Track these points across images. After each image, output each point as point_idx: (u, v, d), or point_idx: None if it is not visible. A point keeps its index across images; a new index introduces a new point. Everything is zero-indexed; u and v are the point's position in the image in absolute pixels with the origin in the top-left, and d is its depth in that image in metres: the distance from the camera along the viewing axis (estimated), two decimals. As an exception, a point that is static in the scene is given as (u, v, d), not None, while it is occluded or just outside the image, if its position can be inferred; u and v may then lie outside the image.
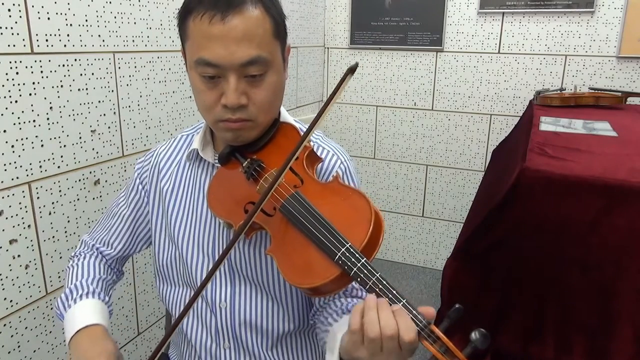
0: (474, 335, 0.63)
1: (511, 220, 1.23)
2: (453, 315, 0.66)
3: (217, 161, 0.92)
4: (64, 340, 1.39)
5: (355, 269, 0.67)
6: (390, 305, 0.66)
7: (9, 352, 1.24)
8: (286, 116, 0.95)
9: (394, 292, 0.66)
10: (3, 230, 1.19)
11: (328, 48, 2.91)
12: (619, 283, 1.15)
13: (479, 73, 2.64)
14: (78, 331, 0.87)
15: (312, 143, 0.92)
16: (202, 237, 0.94)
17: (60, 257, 1.36)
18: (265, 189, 0.75)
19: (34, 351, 1.31)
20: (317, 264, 0.70)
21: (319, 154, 0.88)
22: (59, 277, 1.36)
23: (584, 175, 1.17)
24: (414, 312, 0.65)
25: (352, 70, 0.71)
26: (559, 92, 2.30)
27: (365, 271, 0.66)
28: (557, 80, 2.51)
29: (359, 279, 0.67)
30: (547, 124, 1.77)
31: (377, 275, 0.66)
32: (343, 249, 0.68)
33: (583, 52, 2.44)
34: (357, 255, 0.67)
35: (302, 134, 0.87)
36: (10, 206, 1.20)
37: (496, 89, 2.63)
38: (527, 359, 1.25)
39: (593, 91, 2.27)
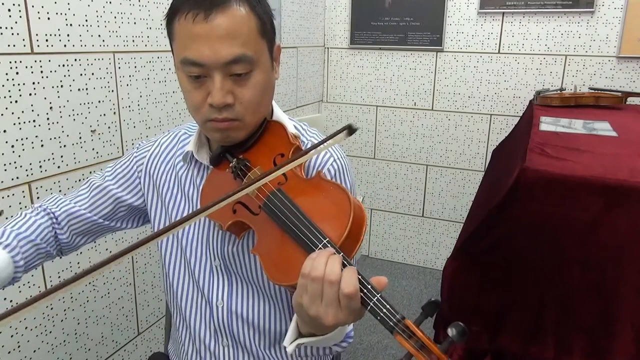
0: (451, 330, 0.61)
1: (511, 220, 1.23)
2: (428, 309, 0.64)
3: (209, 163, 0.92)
4: (64, 340, 1.40)
5: None
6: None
7: (9, 352, 1.24)
8: (279, 114, 0.95)
9: (369, 287, 0.65)
10: (3, 230, 1.19)
11: (328, 48, 2.91)
12: (619, 283, 1.15)
13: (479, 73, 2.64)
14: None
15: (302, 140, 0.92)
16: (201, 236, 0.94)
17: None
18: (243, 186, 0.72)
19: (34, 351, 1.31)
20: (297, 261, 0.69)
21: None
22: (59, 277, 1.35)
23: (584, 175, 1.17)
24: (388, 306, 0.63)
25: (349, 130, 0.70)
26: (559, 92, 2.30)
27: None
28: (557, 80, 2.51)
29: None
30: (547, 124, 1.77)
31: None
32: (320, 245, 0.67)
33: (583, 52, 2.44)
34: (334, 250, 0.66)
35: (288, 130, 0.86)
36: (10, 206, 1.20)
37: (496, 89, 2.63)
38: (527, 359, 1.25)
39: (593, 91, 2.27)
